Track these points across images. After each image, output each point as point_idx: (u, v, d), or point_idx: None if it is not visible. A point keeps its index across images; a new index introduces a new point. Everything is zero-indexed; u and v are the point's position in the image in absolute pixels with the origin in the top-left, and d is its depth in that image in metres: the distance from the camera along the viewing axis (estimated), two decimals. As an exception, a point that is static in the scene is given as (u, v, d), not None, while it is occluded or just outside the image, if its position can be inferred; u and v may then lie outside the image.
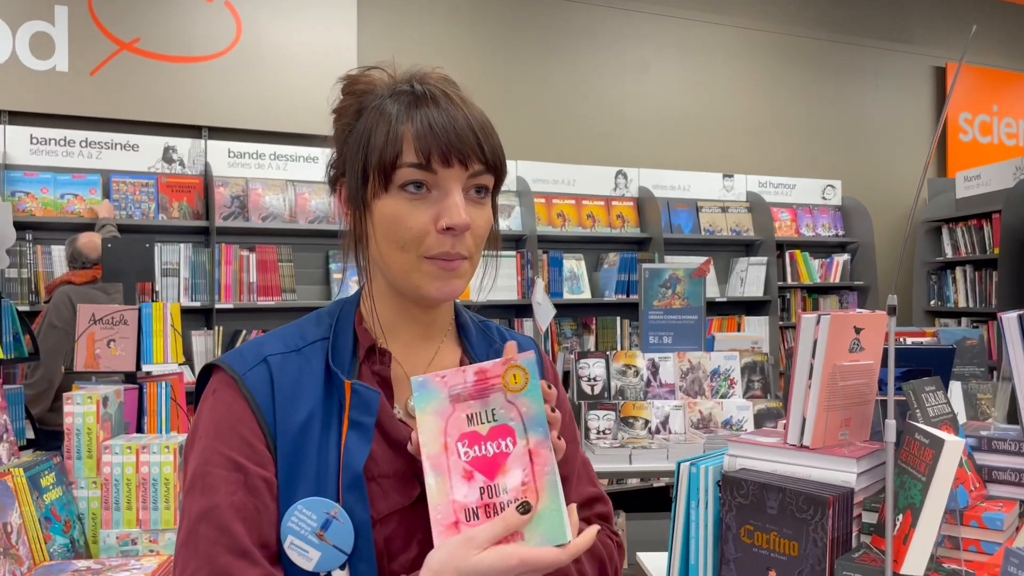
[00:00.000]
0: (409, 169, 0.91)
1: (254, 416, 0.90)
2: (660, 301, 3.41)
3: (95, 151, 4.50)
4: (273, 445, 0.90)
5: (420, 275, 0.94)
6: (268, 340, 0.97)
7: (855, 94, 6.84)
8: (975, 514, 1.31)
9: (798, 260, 6.25)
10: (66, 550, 1.79)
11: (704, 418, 3.17)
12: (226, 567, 0.84)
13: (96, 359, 2.21)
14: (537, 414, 0.85)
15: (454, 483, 0.84)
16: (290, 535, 0.87)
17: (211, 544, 0.85)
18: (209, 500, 0.86)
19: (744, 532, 1.43)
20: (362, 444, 0.90)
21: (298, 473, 0.89)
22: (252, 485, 0.88)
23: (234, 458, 0.88)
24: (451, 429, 0.85)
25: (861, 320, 1.48)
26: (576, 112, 5.86)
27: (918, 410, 1.37)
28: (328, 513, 0.86)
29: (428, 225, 0.92)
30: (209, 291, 4.54)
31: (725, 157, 6.33)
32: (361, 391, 0.92)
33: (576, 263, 5.48)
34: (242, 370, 0.92)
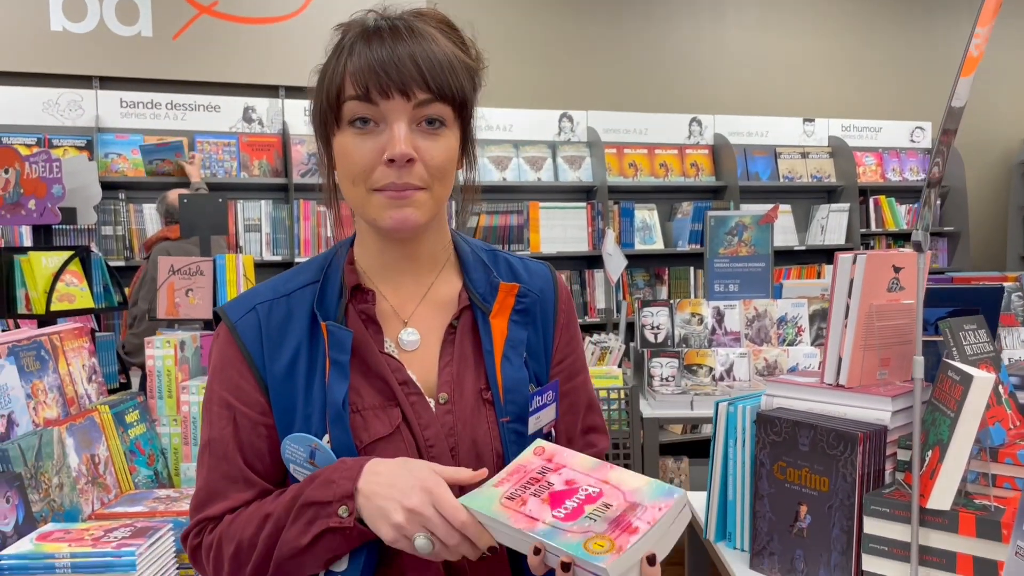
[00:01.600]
0: (352, 103, 0.93)
1: (244, 360, 1.00)
2: (726, 249, 3.38)
3: (180, 113, 4.70)
4: (264, 387, 0.99)
5: (372, 207, 0.95)
6: (262, 288, 1.05)
7: (947, 28, 6.48)
8: (1011, 451, 1.31)
9: (883, 206, 6.04)
10: (150, 481, 1.95)
11: (769, 365, 3.16)
12: (220, 489, 0.99)
13: (176, 307, 2.36)
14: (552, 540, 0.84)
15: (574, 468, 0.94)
16: (291, 464, 0.98)
17: (210, 469, 1.00)
18: (208, 432, 1.00)
19: (777, 468, 1.46)
20: (340, 380, 0.97)
21: (289, 410, 0.98)
22: (238, 421, 0.99)
23: (225, 397, 1.00)
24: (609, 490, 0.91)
25: (901, 259, 1.47)
26: (649, 59, 5.77)
27: (955, 348, 1.36)
28: (310, 446, 0.96)
29: (375, 158, 0.93)
30: (289, 245, 4.72)
31: (806, 101, 6.13)
32: (335, 331, 0.98)
33: (648, 213, 5.45)
34: (235, 318, 1.02)
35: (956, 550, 1.23)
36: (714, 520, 1.63)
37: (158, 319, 2.38)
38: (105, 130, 4.54)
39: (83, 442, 1.71)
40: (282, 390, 0.99)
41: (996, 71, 6.57)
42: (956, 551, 1.23)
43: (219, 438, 0.99)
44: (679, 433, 4.58)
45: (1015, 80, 6.63)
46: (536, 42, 5.50)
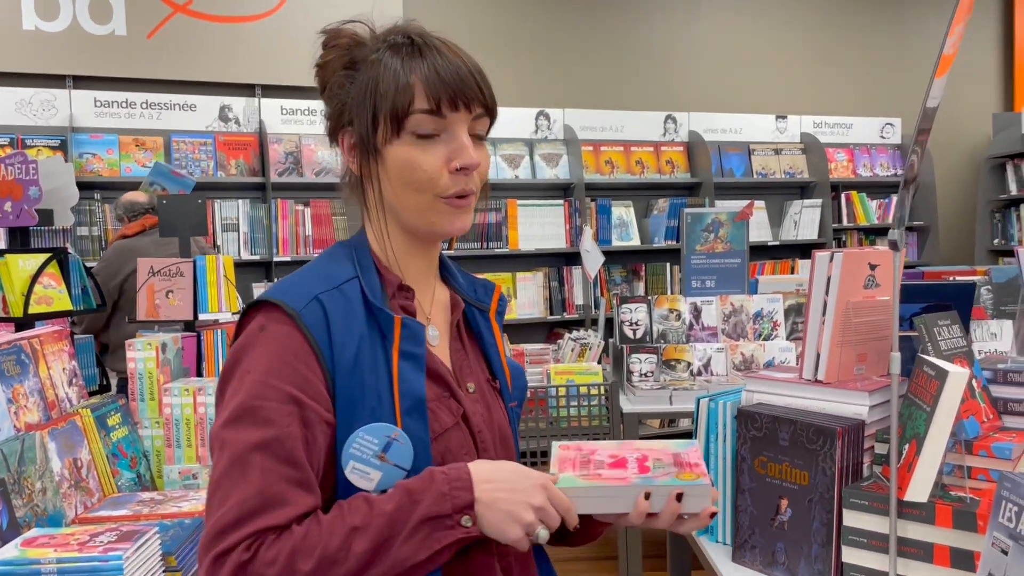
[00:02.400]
0: (421, 115, 0.97)
1: (312, 352, 0.94)
2: (703, 245, 3.42)
3: (155, 112, 4.66)
4: (331, 380, 0.95)
5: (435, 213, 1.00)
6: (305, 280, 1.00)
7: (915, 27, 6.58)
8: (984, 444, 1.34)
9: (855, 201, 6.13)
10: (133, 484, 1.94)
11: (746, 360, 3.20)
12: (282, 494, 0.88)
13: (156, 309, 2.35)
14: (657, 482, 1.00)
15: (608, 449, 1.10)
16: (352, 460, 0.93)
17: (265, 473, 0.88)
18: (264, 432, 0.89)
19: (758, 463, 1.48)
20: (417, 372, 0.98)
21: (355, 405, 0.95)
22: (307, 418, 0.92)
23: (290, 392, 0.91)
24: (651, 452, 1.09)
25: (876, 257, 1.50)
26: (624, 57, 5.80)
27: (929, 343, 1.39)
28: (389, 436, 0.94)
29: (441, 167, 0.98)
30: (267, 245, 4.71)
31: (778, 98, 6.19)
32: (411, 324, 0.99)
33: (625, 210, 5.49)
34: (298, 306, 0.95)
35: (933, 541, 1.27)
36: (696, 515, 1.65)
37: (138, 321, 2.37)
38: (79, 130, 4.50)
39: (65, 446, 1.70)
40: (348, 384, 0.95)
41: (964, 67, 6.68)
42: (933, 542, 1.27)
43: (283, 437, 0.90)
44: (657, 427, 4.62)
45: (982, 76, 6.75)
46: (513, 41, 5.51)
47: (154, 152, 4.63)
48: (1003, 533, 1.06)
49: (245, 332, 0.97)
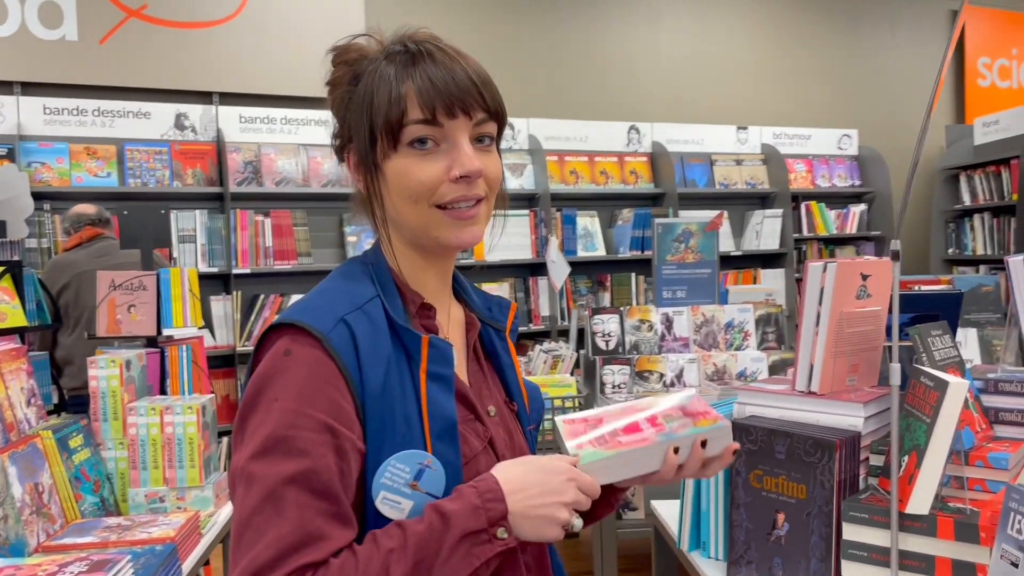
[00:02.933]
0: (415, 126, 0.93)
1: (342, 377, 0.89)
2: (673, 255, 3.41)
3: (108, 120, 4.52)
4: (361, 406, 0.90)
5: (437, 225, 0.96)
6: (328, 300, 0.95)
7: (871, 41, 6.72)
8: (980, 454, 1.33)
9: (814, 211, 6.21)
10: (97, 508, 1.85)
11: (719, 370, 3.19)
12: (319, 530, 0.83)
13: (117, 324, 2.26)
14: (678, 435, 1.01)
15: (615, 414, 1.06)
16: (382, 490, 0.89)
17: (301, 508, 0.83)
18: (298, 463, 0.84)
19: (753, 477, 1.46)
20: (446, 394, 0.94)
21: (384, 431, 0.90)
22: (341, 447, 0.87)
23: (324, 420, 0.86)
24: (659, 409, 1.06)
25: (868, 267, 1.49)
26: (587, 67, 5.81)
27: (924, 354, 1.38)
28: (421, 463, 0.90)
29: (440, 176, 0.94)
30: (226, 256, 4.59)
31: (739, 109, 6.26)
32: (439, 345, 0.96)
33: (590, 220, 5.48)
34: (325, 329, 0.90)
35: (935, 554, 1.25)
36: (688, 529, 1.63)
37: (97, 337, 2.27)
38: (28, 138, 4.34)
39: (26, 470, 1.61)
40: (378, 409, 0.91)
41: (916, 82, 6.83)
42: (935, 555, 1.25)
43: (319, 469, 0.85)
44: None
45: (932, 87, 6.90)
46: (476, 51, 5.40)
47: (107, 161, 4.49)
48: (1012, 545, 1.04)
49: (268, 357, 0.90)
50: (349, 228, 4.93)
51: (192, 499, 1.95)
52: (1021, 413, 1.42)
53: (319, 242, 4.90)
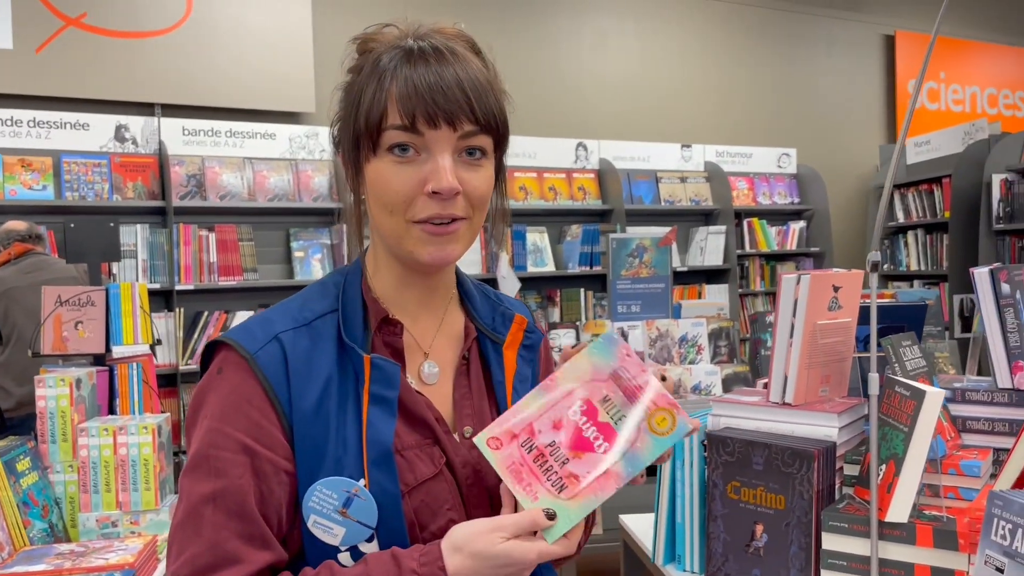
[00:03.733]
0: (394, 131, 0.88)
1: (266, 397, 0.87)
2: (628, 270, 3.44)
3: (44, 131, 4.36)
4: (288, 426, 0.87)
5: (411, 240, 0.90)
6: (275, 315, 0.93)
7: (808, 63, 6.92)
8: (953, 462, 1.36)
9: (756, 228, 6.34)
10: (45, 535, 1.76)
11: (674, 384, 3.22)
12: (234, 552, 0.82)
13: (64, 341, 2.16)
14: (643, 458, 0.87)
15: (543, 418, 0.88)
16: (312, 514, 0.86)
17: (216, 529, 0.83)
18: (215, 483, 0.84)
19: (731, 488, 1.46)
20: (387, 418, 0.89)
21: (317, 452, 0.87)
22: (260, 468, 0.85)
23: (242, 440, 0.85)
24: (588, 388, 0.89)
25: (839, 279, 1.52)
26: (536, 84, 5.85)
27: (896, 364, 1.41)
28: (348, 491, 0.86)
29: (415, 189, 0.88)
30: (168, 272, 4.45)
31: (683, 127, 6.37)
32: (382, 365, 0.90)
33: (539, 236, 5.49)
34: (253, 348, 0.88)
35: (915, 561, 1.27)
36: (662, 543, 1.62)
37: (43, 355, 2.17)
38: (-42, 149, 4.16)
39: (-28, 496, 1.52)
40: (309, 431, 0.87)
41: (851, 101, 7.06)
42: (915, 562, 1.27)
43: (234, 489, 0.83)
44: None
45: (869, 112, 7.14)
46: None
47: (42, 174, 4.32)
48: (997, 551, 1.06)
49: (206, 374, 0.91)
50: (296, 243, 4.84)
51: (147, 523, 1.87)
52: (988, 422, 1.45)
53: (265, 257, 4.79)
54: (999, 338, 1.45)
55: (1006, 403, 1.44)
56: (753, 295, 6.36)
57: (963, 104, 7.51)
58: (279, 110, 4.96)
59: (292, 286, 4.77)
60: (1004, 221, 5.29)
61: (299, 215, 4.89)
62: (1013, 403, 1.44)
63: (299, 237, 4.84)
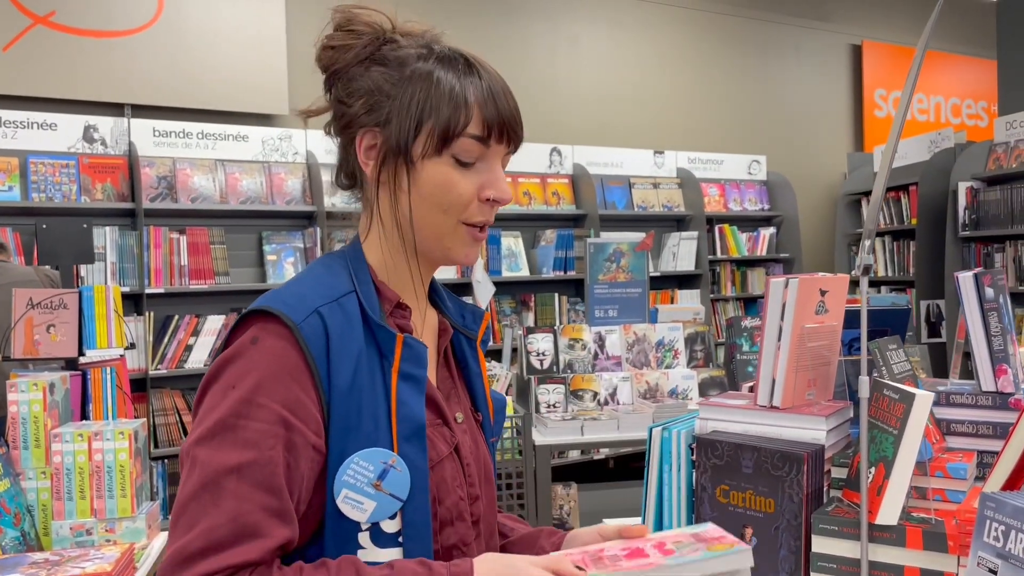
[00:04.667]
0: (470, 140, 0.93)
1: (309, 371, 0.87)
2: (605, 275, 3.44)
3: (10, 131, 4.26)
4: (326, 402, 0.87)
5: (454, 239, 0.96)
6: (304, 289, 0.92)
7: (777, 71, 7.01)
8: (939, 465, 1.37)
9: (727, 234, 6.40)
10: (18, 543, 1.71)
11: (651, 388, 3.23)
12: (256, 525, 0.80)
13: (35, 345, 2.11)
14: (690, 559, 0.89)
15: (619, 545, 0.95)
16: (344, 488, 0.86)
17: (240, 500, 0.80)
18: (243, 454, 0.82)
19: (720, 492, 1.46)
20: (417, 395, 0.91)
21: (350, 429, 0.88)
22: (292, 442, 0.84)
23: (279, 412, 0.84)
24: None
25: (826, 283, 1.53)
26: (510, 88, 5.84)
27: (884, 367, 1.42)
28: (386, 463, 0.87)
29: (474, 194, 0.95)
30: (138, 275, 4.38)
31: (655, 134, 6.42)
32: (413, 344, 0.93)
33: (513, 240, 5.49)
34: (298, 319, 0.87)
35: (904, 563, 1.27)
36: (650, 548, 1.61)
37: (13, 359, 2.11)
38: (-80, 148, 4.06)
39: (-57, 504, 1.48)
40: (344, 406, 0.88)
41: (820, 109, 7.16)
42: (904, 564, 1.27)
43: (264, 461, 0.82)
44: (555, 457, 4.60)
45: (837, 121, 7.25)
46: None
47: (8, 174, 4.23)
48: (990, 552, 1.07)
49: (235, 343, 0.88)
50: (269, 247, 4.78)
51: (123, 530, 1.83)
52: (973, 424, 1.47)
53: (238, 261, 4.73)
54: (983, 342, 1.47)
55: (990, 406, 1.46)
56: (724, 300, 6.41)
57: (928, 114, 7.65)
58: (251, 112, 4.90)
59: (264, 289, 4.71)
60: (970, 228, 5.39)
61: (272, 218, 4.83)
62: (997, 406, 1.46)
63: (272, 240, 4.78)
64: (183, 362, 4.45)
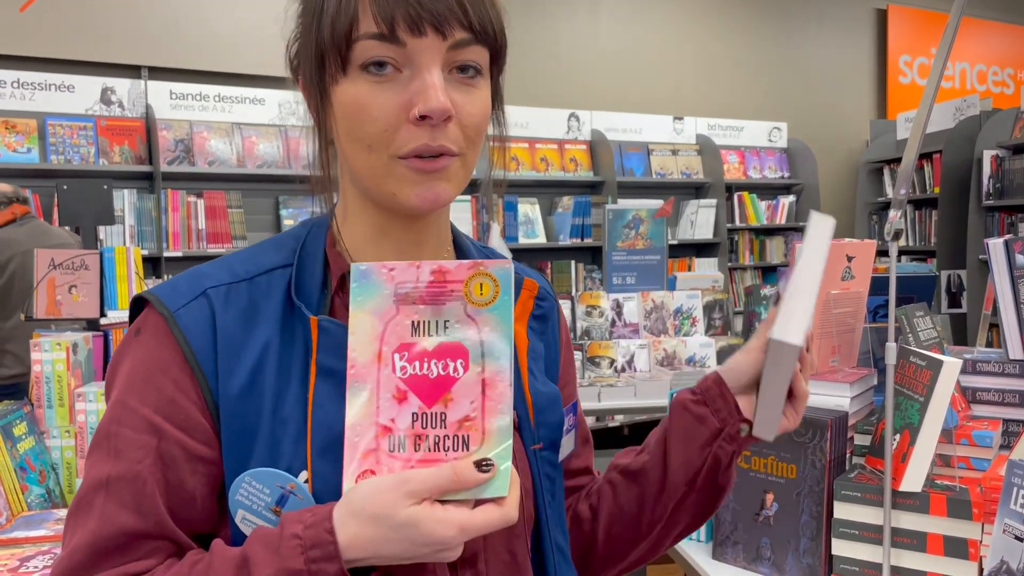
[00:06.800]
0: (368, 42, 0.71)
1: (186, 365, 0.72)
2: (623, 242, 3.42)
3: (28, 92, 4.26)
4: (213, 403, 0.72)
5: (394, 180, 0.74)
6: (212, 268, 0.78)
7: (800, 35, 6.89)
8: (965, 432, 1.36)
9: (746, 202, 6.33)
10: (43, 500, 1.73)
11: (668, 356, 3.22)
12: (120, 547, 0.69)
13: (58, 306, 2.12)
14: (501, 337, 0.69)
15: (382, 401, 0.68)
16: (240, 509, 0.72)
17: (102, 521, 0.69)
18: (111, 467, 0.70)
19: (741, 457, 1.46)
20: (337, 396, 0.71)
21: (247, 436, 0.72)
22: (167, 452, 0.71)
23: (149, 417, 0.71)
24: (389, 336, 0.69)
25: (853, 249, 1.51)
26: (527, 54, 5.78)
27: (911, 334, 1.40)
28: (284, 488, 0.71)
29: (399, 114, 0.72)
30: (156, 239, 4.40)
31: (675, 99, 6.34)
32: (330, 329, 0.74)
33: (530, 207, 5.46)
34: (174, 306, 0.73)
35: (927, 530, 1.27)
36: (669, 512, 1.62)
37: (36, 319, 2.13)
38: (-61, 109, 4.06)
39: (-30, 460, 1.49)
40: (240, 408, 0.72)
41: (842, 78, 7.04)
42: (927, 531, 1.27)
43: (130, 476, 0.70)
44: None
45: (859, 86, 7.13)
46: None
47: (26, 136, 4.24)
48: (1016, 520, 1.06)
49: (125, 336, 0.77)
50: (285, 211, 4.78)
51: (146, 489, 1.84)
52: (998, 393, 1.45)
53: (255, 225, 4.73)
54: (1012, 309, 1.45)
55: (1017, 374, 1.44)
56: (742, 269, 6.37)
57: (953, 80, 7.51)
58: (268, 75, 4.87)
59: (281, 254, 4.72)
60: (994, 197, 5.31)
61: (288, 183, 4.83)
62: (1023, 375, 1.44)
63: (288, 205, 4.78)
64: (201, 325, 4.48)
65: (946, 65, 1.22)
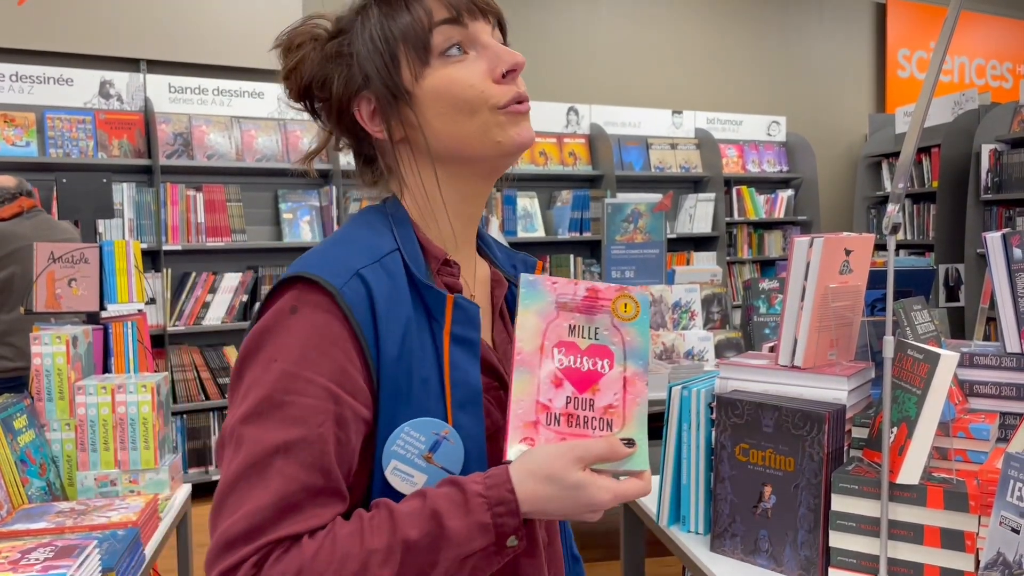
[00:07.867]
0: (444, 27, 0.86)
1: (353, 336, 0.80)
2: (622, 236, 3.43)
3: (26, 86, 4.26)
4: (376, 371, 0.81)
5: (499, 128, 0.87)
6: (345, 250, 0.86)
7: (799, 29, 6.88)
8: (962, 425, 1.37)
9: (744, 196, 6.34)
10: (43, 493, 1.74)
11: (667, 349, 3.22)
12: (300, 506, 0.76)
13: (57, 299, 2.13)
14: (640, 347, 0.86)
15: (542, 384, 0.84)
16: (394, 459, 0.81)
17: (287, 480, 0.75)
18: (290, 432, 0.76)
19: (739, 450, 1.46)
20: (471, 360, 0.85)
21: (399, 398, 0.82)
22: (342, 417, 0.79)
23: (326, 386, 0.78)
24: (551, 333, 0.85)
25: (851, 243, 1.51)
26: (526, 47, 5.77)
27: (908, 328, 1.41)
28: (438, 434, 0.82)
29: (485, 78, 0.87)
30: (155, 232, 4.39)
31: (674, 93, 6.33)
32: (464, 305, 0.86)
33: (529, 201, 5.47)
34: (338, 283, 0.81)
35: (924, 523, 1.27)
36: (667, 505, 1.62)
37: (35, 313, 2.13)
38: (-63, 102, 4.06)
39: (-29, 453, 1.50)
40: (394, 373, 0.82)
41: (842, 69, 7.03)
42: (924, 524, 1.28)
43: (314, 439, 0.77)
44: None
45: (858, 80, 7.13)
46: None
47: (25, 129, 4.23)
48: (1013, 512, 1.07)
49: (272, 312, 0.82)
50: (284, 205, 4.78)
51: (146, 482, 1.85)
52: (996, 386, 1.46)
53: (254, 219, 4.74)
54: (1009, 303, 1.45)
55: (1014, 368, 1.45)
56: (740, 262, 6.37)
57: (951, 74, 7.51)
58: (267, 68, 4.87)
59: (281, 248, 4.72)
60: (992, 191, 5.31)
61: (287, 176, 4.83)
62: (1021, 368, 1.45)
63: (287, 199, 4.78)
64: (200, 319, 4.49)
65: (945, 59, 1.22)
